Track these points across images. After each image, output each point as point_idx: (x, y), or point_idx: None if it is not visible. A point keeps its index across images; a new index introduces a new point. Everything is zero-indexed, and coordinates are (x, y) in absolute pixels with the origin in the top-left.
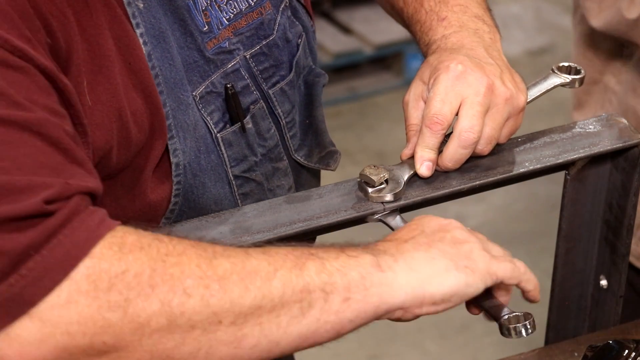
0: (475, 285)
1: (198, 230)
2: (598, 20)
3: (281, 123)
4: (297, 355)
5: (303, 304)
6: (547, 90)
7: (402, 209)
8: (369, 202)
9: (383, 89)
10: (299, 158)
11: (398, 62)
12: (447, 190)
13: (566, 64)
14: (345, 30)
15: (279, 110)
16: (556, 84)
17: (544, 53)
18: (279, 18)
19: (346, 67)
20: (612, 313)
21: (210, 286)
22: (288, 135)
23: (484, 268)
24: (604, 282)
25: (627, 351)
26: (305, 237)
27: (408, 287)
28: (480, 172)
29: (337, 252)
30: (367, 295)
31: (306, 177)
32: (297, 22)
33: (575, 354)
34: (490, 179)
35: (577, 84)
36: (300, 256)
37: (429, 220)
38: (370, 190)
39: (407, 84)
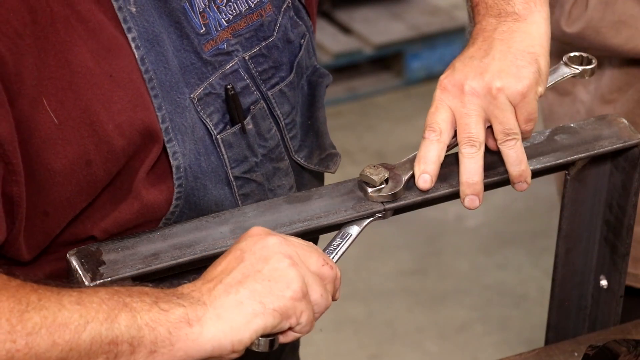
0: (280, 327)
1: (198, 231)
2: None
3: (280, 124)
4: None
5: (109, 355)
6: (557, 82)
7: (402, 209)
8: (369, 202)
9: (383, 89)
10: (298, 159)
11: (398, 62)
12: (447, 190)
13: (577, 54)
14: (345, 30)
15: (278, 112)
16: (566, 75)
17: None
18: (280, 19)
19: (346, 67)
20: (612, 313)
21: (17, 341)
22: (288, 137)
23: (292, 311)
24: (604, 282)
25: (627, 351)
26: (306, 237)
27: (215, 340)
28: None
29: (151, 304)
30: (173, 350)
31: (308, 178)
32: (300, 22)
33: (575, 354)
34: (490, 179)
35: (587, 75)
36: (114, 307)
37: (253, 244)
38: (370, 190)
39: (407, 84)
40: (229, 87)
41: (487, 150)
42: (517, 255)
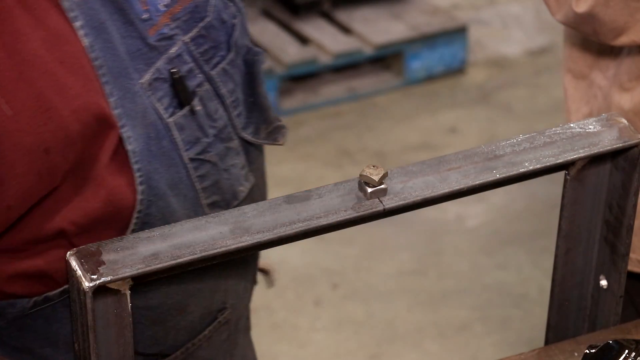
0: None
1: (198, 231)
2: (559, 15)
3: (226, 103)
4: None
5: None
6: None
7: (402, 209)
8: (369, 202)
9: (383, 89)
10: (246, 136)
11: (398, 62)
12: (447, 190)
13: None
14: (345, 30)
15: (223, 90)
16: None
17: (544, 53)
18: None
19: (346, 67)
20: (612, 313)
21: None
22: (234, 115)
23: None
24: (603, 282)
25: (627, 351)
26: (305, 237)
27: None
28: (480, 172)
29: None
30: None
31: (254, 154)
32: (230, 3)
33: (575, 354)
34: (490, 179)
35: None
36: None
37: None
38: (369, 190)
39: (407, 84)
40: (173, 70)
41: (488, 157)
42: (517, 255)
